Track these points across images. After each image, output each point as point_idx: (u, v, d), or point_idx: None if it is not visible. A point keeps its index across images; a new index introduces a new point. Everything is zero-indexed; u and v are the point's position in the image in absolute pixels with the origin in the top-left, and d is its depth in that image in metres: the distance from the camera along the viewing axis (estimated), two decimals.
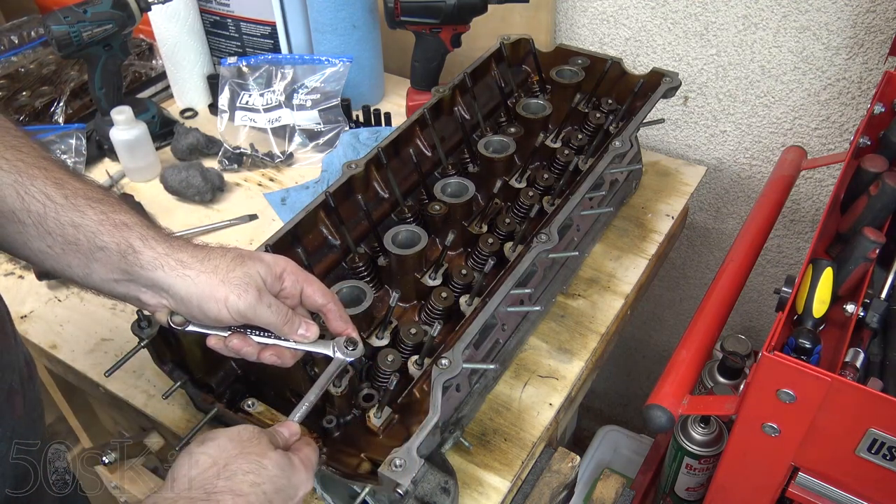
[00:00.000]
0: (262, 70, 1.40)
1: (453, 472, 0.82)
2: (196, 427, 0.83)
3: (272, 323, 0.70)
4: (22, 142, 0.66)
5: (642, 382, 1.91)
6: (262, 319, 0.69)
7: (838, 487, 0.78)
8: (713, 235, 1.54)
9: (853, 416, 0.70)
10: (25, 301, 1.11)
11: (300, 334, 0.73)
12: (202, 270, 0.67)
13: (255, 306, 0.68)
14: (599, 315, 1.07)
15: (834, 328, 0.83)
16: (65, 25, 1.20)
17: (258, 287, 0.69)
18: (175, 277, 0.66)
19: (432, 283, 0.96)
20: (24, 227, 0.64)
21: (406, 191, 1.07)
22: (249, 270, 0.69)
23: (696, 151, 1.44)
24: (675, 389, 0.84)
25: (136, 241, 0.66)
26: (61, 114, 1.44)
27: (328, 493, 0.84)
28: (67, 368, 1.04)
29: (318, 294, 0.75)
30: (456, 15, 1.26)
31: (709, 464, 1.17)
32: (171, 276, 0.66)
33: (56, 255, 0.65)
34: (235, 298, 0.67)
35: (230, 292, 0.67)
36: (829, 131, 1.28)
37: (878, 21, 1.14)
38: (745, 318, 1.61)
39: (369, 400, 0.84)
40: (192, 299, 0.67)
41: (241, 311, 0.68)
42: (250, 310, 0.68)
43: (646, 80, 1.17)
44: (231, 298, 0.67)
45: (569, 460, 0.94)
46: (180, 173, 1.26)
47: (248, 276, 0.68)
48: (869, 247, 0.81)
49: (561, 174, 1.08)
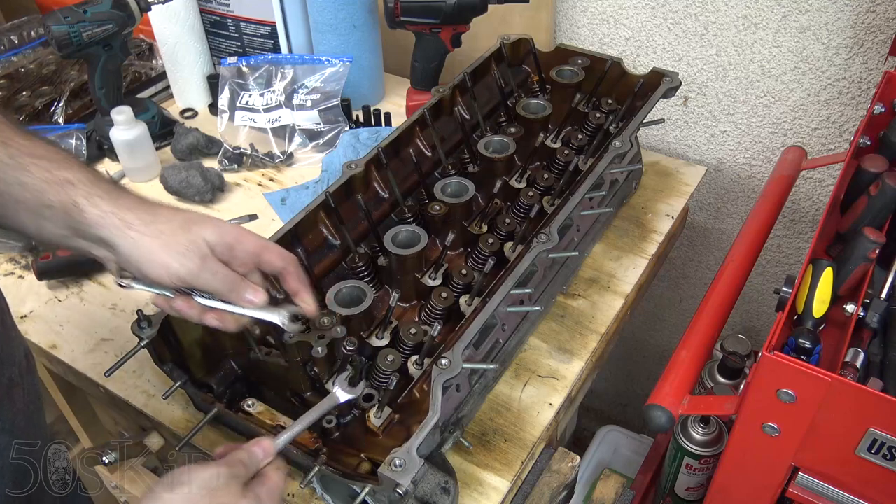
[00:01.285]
0: (262, 70, 1.40)
1: (453, 472, 0.82)
2: (196, 427, 0.83)
3: (216, 289, 0.70)
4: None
5: (642, 382, 1.91)
6: (206, 286, 0.69)
7: (838, 487, 0.78)
8: (713, 235, 1.54)
9: (853, 416, 0.70)
10: (25, 301, 1.11)
11: (247, 299, 0.71)
12: (146, 234, 0.67)
13: (197, 273, 0.68)
14: (599, 315, 1.07)
15: (834, 328, 0.83)
16: (65, 25, 1.20)
17: (202, 254, 0.68)
18: (118, 237, 0.66)
19: (432, 283, 0.96)
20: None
21: (406, 191, 1.07)
22: (194, 237, 0.68)
23: (696, 151, 1.44)
24: (675, 389, 0.84)
25: (80, 199, 0.65)
26: (61, 114, 1.44)
27: (328, 493, 0.84)
28: (67, 368, 1.04)
29: (277, 257, 0.74)
30: (456, 15, 1.26)
31: (709, 464, 1.17)
32: (115, 236, 0.66)
33: (8, 214, 0.66)
34: (177, 266, 0.67)
35: (172, 259, 0.67)
36: (829, 131, 1.28)
37: (878, 21, 1.14)
38: (745, 318, 1.61)
39: (369, 400, 0.84)
40: (132, 259, 0.67)
41: (182, 277, 0.67)
42: (191, 276, 0.68)
43: (646, 80, 1.17)
44: (172, 265, 0.67)
45: (569, 460, 0.94)
46: (180, 173, 1.26)
47: (192, 242, 0.68)
48: (869, 247, 0.81)
49: (561, 174, 1.08)
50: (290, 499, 0.85)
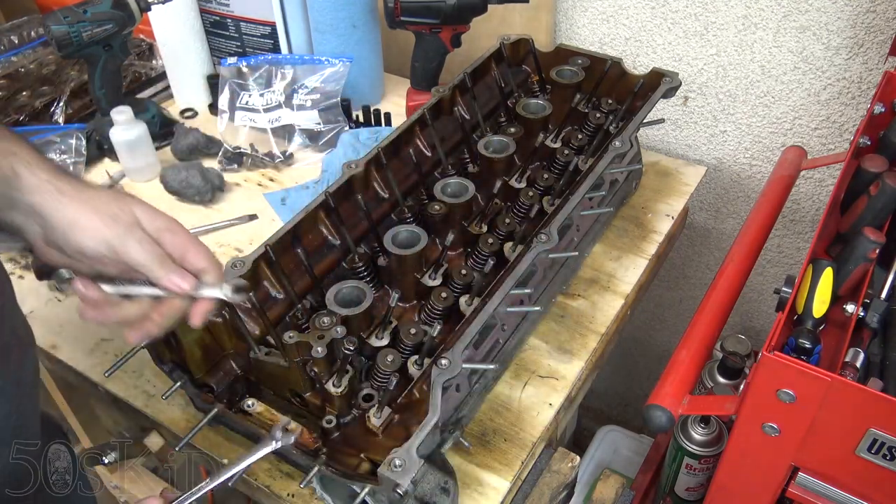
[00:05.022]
0: (262, 70, 1.40)
1: (453, 472, 0.82)
2: (196, 427, 0.83)
3: (141, 261, 0.67)
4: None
5: (642, 382, 1.91)
6: (130, 255, 0.66)
7: (838, 487, 0.78)
8: (713, 235, 1.54)
9: (853, 416, 0.70)
10: (25, 301, 1.11)
11: (173, 281, 0.68)
12: (77, 199, 0.66)
13: (123, 238, 0.66)
14: (599, 315, 1.07)
15: (834, 328, 0.83)
16: (65, 25, 1.20)
17: (130, 222, 0.67)
18: (50, 203, 0.65)
19: (432, 283, 0.96)
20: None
21: (406, 191, 1.07)
22: (125, 207, 0.67)
23: (696, 151, 1.44)
24: (675, 389, 0.84)
25: (20, 167, 0.65)
26: (61, 114, 1.44)
27: (328, 493, 0.84)
28: (67, 368, 1.04)
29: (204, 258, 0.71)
30: (456, 15, 1.26)
31: (709, 464, 1.17)
32: (47, 202, 0.65)
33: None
34: (103, 227, 0.65)
35: (98, 221, 0.65)
36: (829, 131, 1.28)
37: (878, 21, 1.14)
38: (745, 318, 1.61)
39: (369, 400, 0.84)
40: (58, 226, 0.65)
41: (107, 241, 0.65)
42: (117, 240, 0.66)
43: (646, 81, 1.17)
44: (99, 227, 0.65)
45: (569, 460, 0.95)
46: (180, 173, 1.26)
47: (122, 210, 0.67)
48: (869, 247, 0.81)
49: (561, 174, 1.08)
50: (290, 499, 0.86)
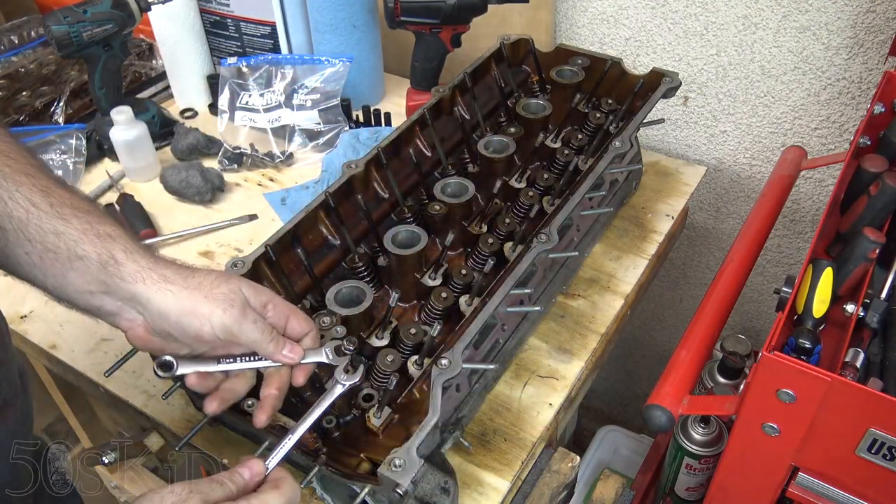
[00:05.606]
0: (262, 70, 1.40)
1: (453, 472, 0.82)
2: (196, 427, 0.83)
3: (257, 340, 0.69)
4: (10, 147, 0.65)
5: (642, 382, 1.91)
6: (247, 336, 0.68)
7: (838, 487, 0.78)
8: (713, 235, 1.54)
9: (853, 416, 0.70)
10: (25, 301, 1.11)
11: (285, 355, 0.71)
12: (185, 286, 0.66)
13: (241, 321, 0.67)
14: (599, 315, 1.07)
15: (834, 328, 0.83)
16: (65, 25, 1.20)
17: (243, 303, 0.68)
18: (155, 291, 0.65)
19: (432, 283, 0.96)
20: (4, 232, 0.63)
21: (406, 191, 1.07)
22: (234, 287, 0.68)
23: (696, 151, 1.44)
24: (675, 389, 0.84)
25: (118, 252, 0.64)
26: (61, 114, 1.44)
27: (328, 493, 0.84)
28: (67, 368, 1.04)
29: (305, 323, 0.74)
30: (456, 15, 1.26)
31: (709, 464, 1.17)
32: (151, 290, 0.65)
33: (33, 263, 0.64)
34: (221, 313, 0.66)
35: (215, 307, 0.66)
36: (829, 131, 1.28)
37: (878, 21, 1.14)
38: (745, 318, 1.61)
39: (369, 400, 0.84)
40: (171, 314, 0.65)
41: (227, 326, 0.66)
42: (235, 325, 0.67)
43: (646, 80, 1.17)
44: (216, 313, 0.66)
45: (569, 460, 0.94)
46: (180, 173, 1.26)
47: (232, 292, 0.68)
48: (869, 247, 0.81)
49: (561, 174, 1.08)
50: None
